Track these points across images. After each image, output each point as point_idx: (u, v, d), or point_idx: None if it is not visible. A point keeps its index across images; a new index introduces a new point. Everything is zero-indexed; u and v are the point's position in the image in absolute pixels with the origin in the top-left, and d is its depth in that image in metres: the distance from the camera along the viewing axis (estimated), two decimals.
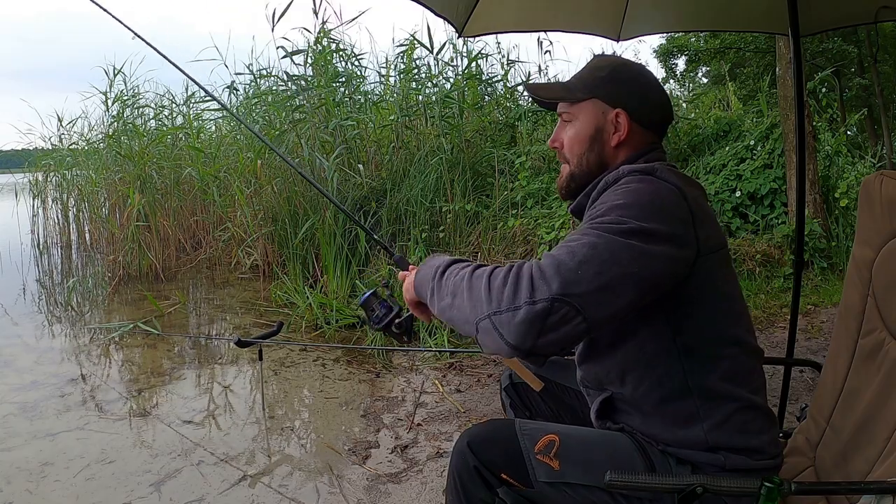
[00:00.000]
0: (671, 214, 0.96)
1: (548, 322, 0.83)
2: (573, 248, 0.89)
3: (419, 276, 1.08)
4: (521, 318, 0.84)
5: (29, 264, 6.79)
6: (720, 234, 1.06)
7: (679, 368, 1.03)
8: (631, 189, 0.98)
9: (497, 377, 3.08)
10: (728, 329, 1.05)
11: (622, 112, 1.10)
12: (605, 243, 0.89)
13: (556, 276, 0.85)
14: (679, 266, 0.96)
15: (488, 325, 0.86)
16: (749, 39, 11.33)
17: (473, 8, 1.96)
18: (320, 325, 4.01)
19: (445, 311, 0.97)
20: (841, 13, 2.01)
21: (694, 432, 1.03)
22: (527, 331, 0.83)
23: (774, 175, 4.90)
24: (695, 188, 1.05)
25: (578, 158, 1.12)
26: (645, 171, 1.03)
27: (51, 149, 7.90)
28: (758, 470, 1.03)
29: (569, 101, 1.14)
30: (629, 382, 1.08)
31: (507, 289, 0.86)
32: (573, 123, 1.13)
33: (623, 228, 0.91)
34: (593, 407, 1.15)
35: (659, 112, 1.13)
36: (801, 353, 3.17)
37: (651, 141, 1.13)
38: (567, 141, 1.14)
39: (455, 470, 1.06)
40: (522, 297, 0.84)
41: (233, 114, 5.40)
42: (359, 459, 2.34)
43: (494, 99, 6.57)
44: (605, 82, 1.11)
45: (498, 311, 0.85)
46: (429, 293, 1.02)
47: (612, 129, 1.10)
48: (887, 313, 1.13)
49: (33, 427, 2.65)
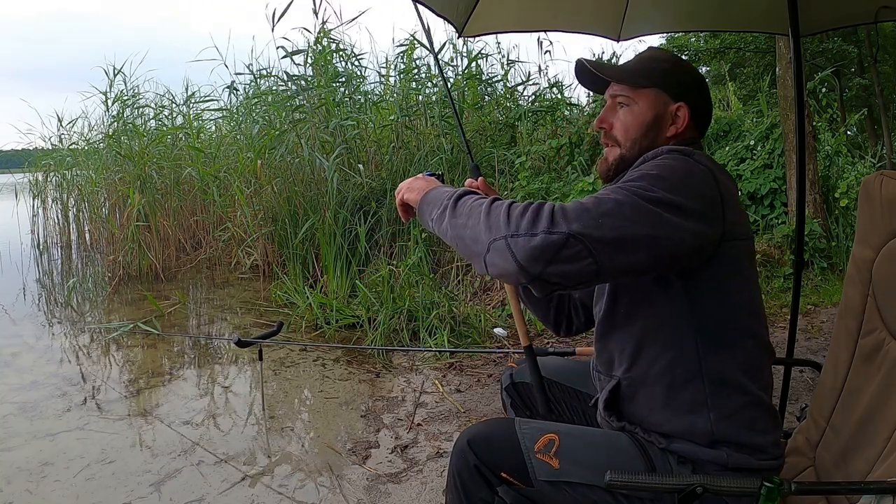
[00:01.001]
0: (700, 192, 0.98)
1: (561, 254, 0.87)
2: (600, 199, 0.92)
3: (433, 192, 1.09)
4: (537, 244, 0.87)
5: (29, 264, 6.80)
6: (747, 227, 1.09)
7: (693, 350, 1.04)
8: (666, 164, 1.01)
9: (497, 377, 3.08)
10: (746, 320, 1.06)
11: (684, 106, 1.12)
12: (630, 203, 0.92)
13: (577, 219, 0.88)
14: (701, 242, 0.98)
15: (503, 245, 0.89)
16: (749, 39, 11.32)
17: (473, 8, 1.96)
18: (320, 325, 4.01)
19: (457, 228, 0.98)
20: (841, 13, 2.01)
21: (700, 421, 1.03)
22: (539, 255, 0.87)
23: (774, 175, 4.90)
24: (727, 178, 1.07)
25: (632, 143, 1.14)
26: (683, 151, 1.06)
27: (51, 149, 7.90)
28: (760, 469, 1.03)
29: (630, 85, 1.15)
30: (643, 360, 1.08)
31: (527, 216, 0.89)
32: (631, 108, 1.14)
33: (651, 196, 0.93)
34: (602, 396, 1.15)
35: (709, 112, 1.18)
36: (801, 353, 3.17)
37: (696, 136, 1.16)
38: (621, 124, 1.15)
39: (455, 469, 1.06)
40: (542, 226, 0.88)
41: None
42: (359, 459, 2.34)
43: (494, 99, 6.57)
44: (670, 74, 1.14)
45: (515, 234, 0.88)
46: (439, 209, 1.04)
47: (670, 120, 1.13)
48: (887, 313, 1.13)
49: (33, 427, 2.65)
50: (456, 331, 3.67)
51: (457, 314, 3.79)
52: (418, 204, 1.11)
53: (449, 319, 3.70)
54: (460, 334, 3.66)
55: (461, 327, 3.70)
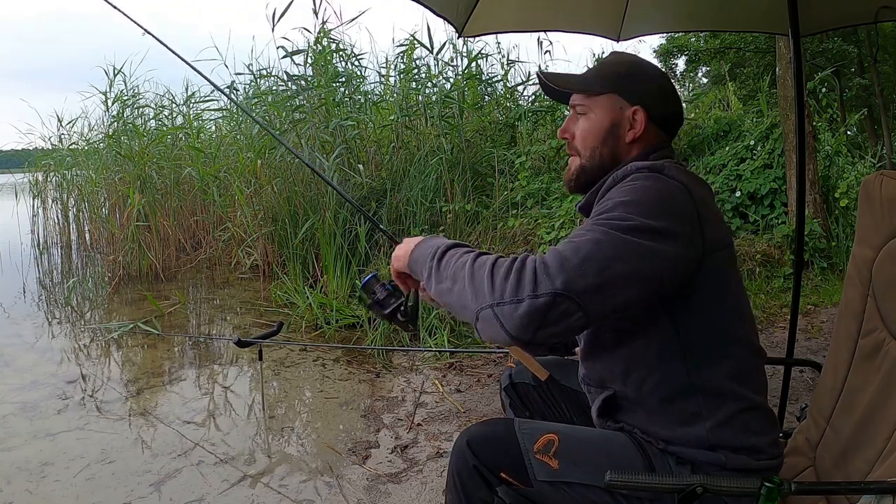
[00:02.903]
0: (677, 212, 0.96)
1: (549, 316, 0.85)
2: (577, 245, 0.90)
3: (417, 251, 1.07)
4: (524, 311, 0.85)
5: (29, 264, 6.79)
6: (726, 233, 1.07)
7: (682, 367, 1.03)
8: (637, 186, 0.99)
9: (497, 377, 3.08)
10: (732, 328, 1.05)
11: (640, 109, 1.10)
12: (609, 240, 0.90)
13: (559, 272, 0.86)
14: (683, 264, 0.96)
15: (490, 315, 0.88)
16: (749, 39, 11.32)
17: (473, 8, 1.96)
18: (320, 325, 4.00)
19: (443, 295, 0.97)
20: (841, 13, 2.01)
21: (696, 431, 1.03)
22: (528, 323, 0.85)
23: (774, 175, 4.90)
24: (702, 187, 1.06)
25: (591, 151, 1.12)
26: (653, 168, 1.02)
27: (51, 149, 7.89)
28: (758, 470, 1.03)
29: (585, 94, 1.14)
30: (633, 381, 1.07)
31: (510, 280, 0.87)
32: (588, 116, 1.13)
33: (628, 225, 0.91)
34: (595, 405, 1.14)
35: (673, 113, 1.15)
36: (801, 353, 3.17)
37: (662, 140, 1.14)
38: (580, 133, 1.14)
39: (454, 469, 1.06)
40: (526, 290, 0.86)
41: (237, 104, 5.35)
42: (359, 459, 2.33)
43: (494, 99, 6.57)
44: (625, 78, 1.12)
45: (501, 303, 0.87)
46: (426, 272, 1.02)
47: (627, 125, 1.11)
48: (887, 313, 1.13)
49: (33, 427, 2.65)
50: (456, 331, 3.67)
51: None
52: (408, 268, 1.09)
53: (449, 319, 3.70)
54: (460, 334, 3.66)
55: (461, 327, 3.70)
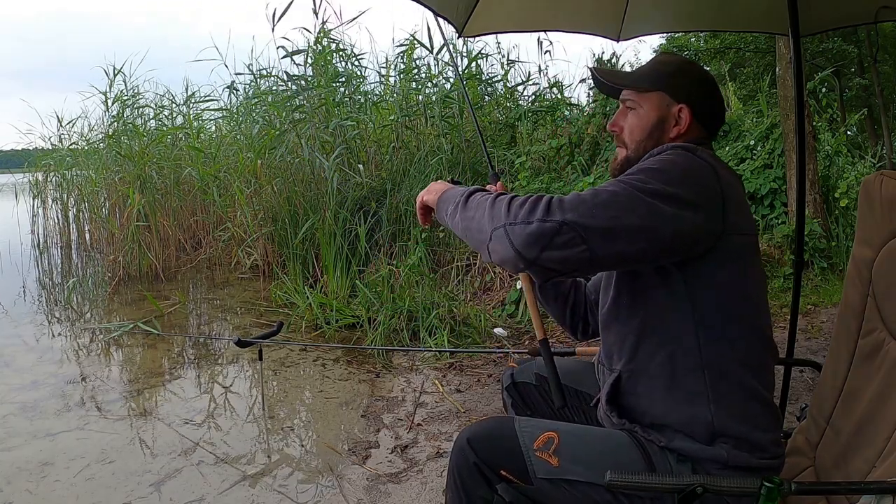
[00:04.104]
0: (698, 184, 1.01)
1: (554, 241, 0.92)
2: (596, 191, 0.96)
3: (451, 191, 1.16)
4: (532, 231, 0.92)
5: (29, 264, 6.80)
6: (751, 223, 1.10)
7: (694, 342, 1.04)
8: (665, 158, 1.05)
9: (497, 377, 3.08)
10: (748, 315, 1.07)
11: (685, 107, 1.15)
12: (626, 194, 0.96)
13: (572, 208, 0.93)
14: (697, 233, 0.99)
15: (501, 233, 0.95)
16: (749, 39, 11.32)
17: (473, 8, 1.96)
18: (320, 325, 4.00)
19: (464, 221, 1.05)
20: (841, 13, 2.01)
21: (701, 412, 1.04)
22: (534, 242, 0.92)
23: (774, 175, 4.90)
24: (731, 174, 1.09)
25: (637, 144, 1.17)
26: (685, 147, 1.08)
27: (51, 149, 7.89)
28: (759, 468, 1.03)
29: (635, 90, 1.19)
30: (642, 352, 1.09)
31: (525, 206, 0.95)
32: (636, 111, 1.18)
33: (647, 188, 0.96)
34: (604, 390, 1.15)
35: (716, 113, 1.19)
36: (801, 353, 3.17)
37: (704, 137, 1.18)
38: (628, 127, 1.19)
39: (455, 467, 1.06)
40: (538, 215, 0.93)
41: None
42: (359, 459, 2.34)
43: (494, 99, 6.57)
44: (673, 77, 1.17)
45: (513, 223, 0.94)
46: (452, 206, 1.10)
47: (673, 121, 1.15)
48: (887, 313, 1.13)
49: (33, 427, 2.65)
50: (456, 331, 3.67)
51: (457, 314, 3.79)
52: (436, 203, 1.17)
53: (449, 319, 3.70)
54: (460, 334, 3.66)
55: (461, 327, 3.71)
